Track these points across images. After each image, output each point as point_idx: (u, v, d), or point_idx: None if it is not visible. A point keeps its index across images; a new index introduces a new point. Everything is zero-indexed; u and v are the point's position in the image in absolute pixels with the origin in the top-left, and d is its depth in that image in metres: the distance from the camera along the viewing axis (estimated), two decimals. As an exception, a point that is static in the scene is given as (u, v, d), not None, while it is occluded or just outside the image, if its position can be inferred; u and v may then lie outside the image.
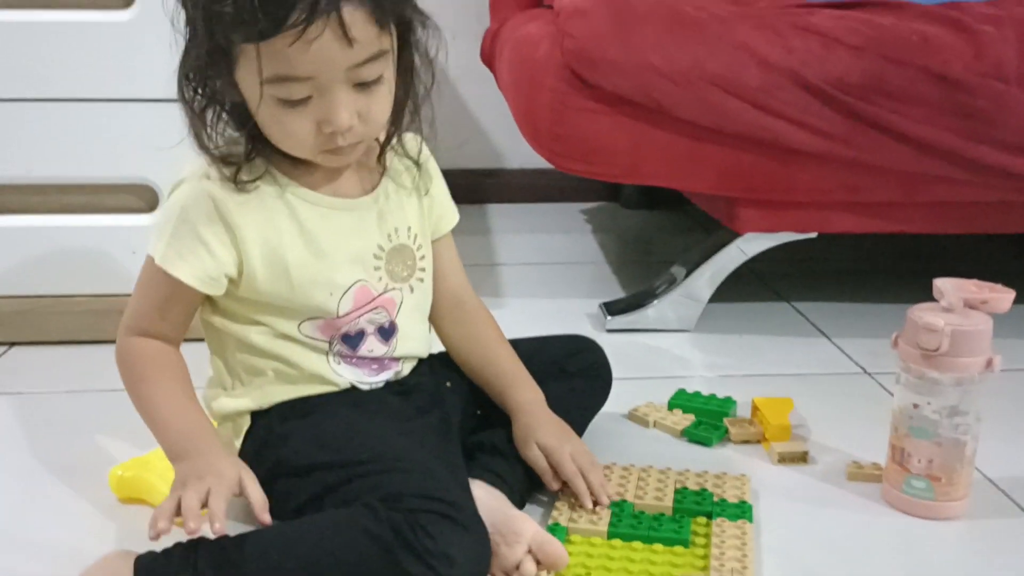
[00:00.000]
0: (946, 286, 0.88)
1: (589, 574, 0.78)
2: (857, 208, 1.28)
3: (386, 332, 0.87)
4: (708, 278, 1.34)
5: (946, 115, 1.18)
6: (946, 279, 0.89)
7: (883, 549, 0.84)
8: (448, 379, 0.94)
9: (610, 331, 1.34)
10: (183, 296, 0.82)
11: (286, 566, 0.71)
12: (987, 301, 0.87)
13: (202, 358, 0.89)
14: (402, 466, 0.75)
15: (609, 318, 1.36)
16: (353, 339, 0.86)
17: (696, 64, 1.17)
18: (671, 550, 0.81)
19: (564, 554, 0.77)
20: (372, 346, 0.87)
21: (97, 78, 1.17)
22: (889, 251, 1.73)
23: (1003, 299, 0.87)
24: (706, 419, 1.06)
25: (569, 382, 0.97)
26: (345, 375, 0.86)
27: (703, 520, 0.86)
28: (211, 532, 0.69)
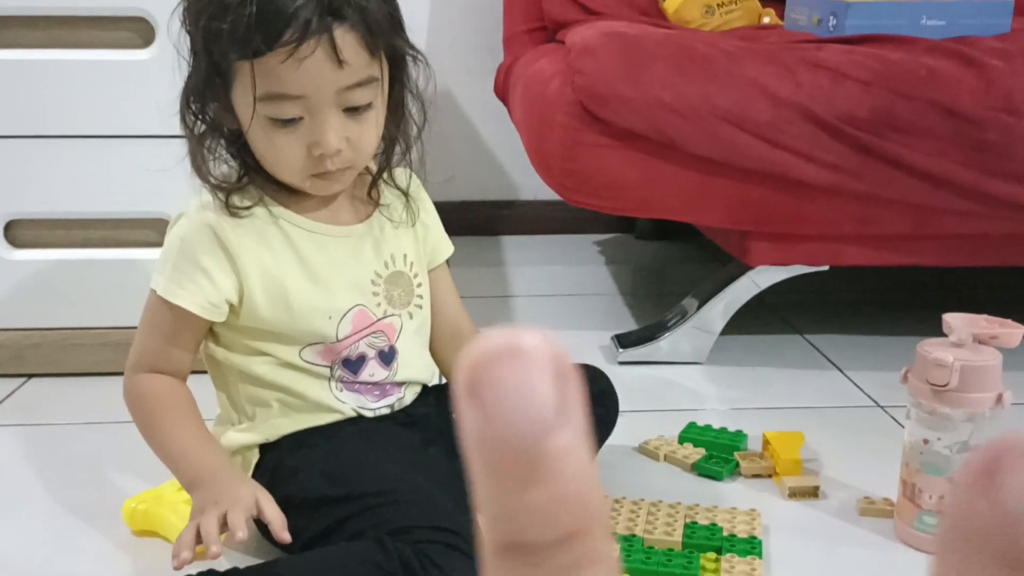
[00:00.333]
0: (955, 321, 0.87)
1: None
2: (868, 241, 1.28)
3: (387, 356, 0.88)
4: (721, 310, 1.34)
5: (956, 148, 1.18)
6: (955, 314, 0.88)
7: (894, 586, 0.84)
8: (454, 411, 0.94)
9: (622, 363, 1.35)
10: (187, 326, 0.83)
11: (296, 600, 0.72)
12: (997, 336, 0.86)
13: (207, 391, 0.90)
14: (409, 498, 0.76)
15: (621, 351, 1.36)
16: (354, 364, 0.86)
17: (706, 99, 1.18)
18: (680, 586, 0.81)
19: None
20: (373, 370, 0.87)
21: (117, 115, 1.20)
22: (903, 283, 1.72)
23: (1013, 334, 0.86)
24: (717, 453, 1.05)
25: None
26: (348, 402, 0.87)
27: (713, 555, 0.86)
28: (237, 540, 0.71)
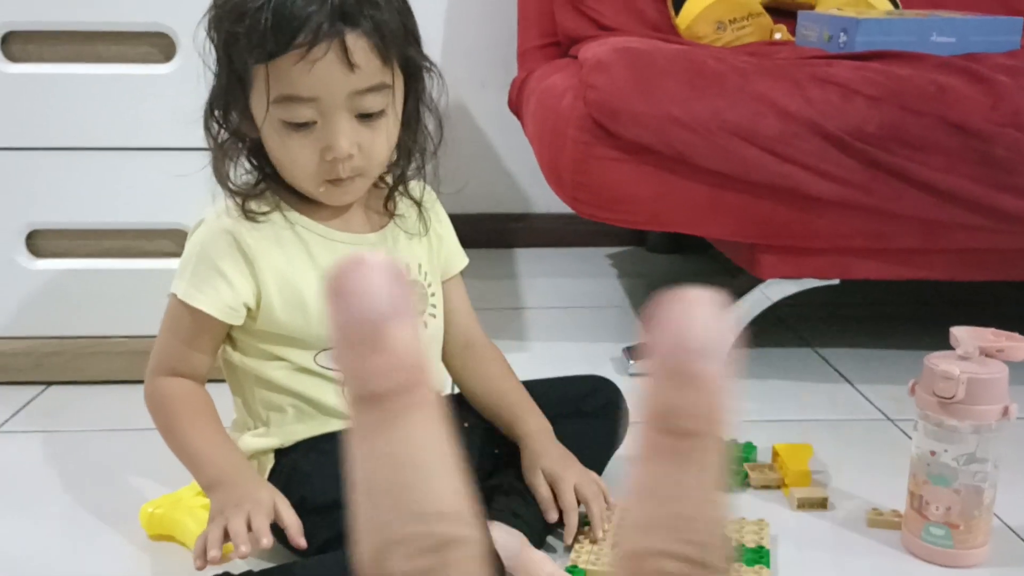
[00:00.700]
0: (962, 334, 0.88)
1: (606, 616, 0.79)
2: (878, 255, 1.29)
3: None
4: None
5: (965, 163, 1.19)
6: (962, 327, 0.89)
7: (901, 596, 0.85)
8: (465, 419, 0.96)
9: (633, 375, 1.36)
10: (206, 329, 0.85)
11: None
12: (1003, 349, 0.87)
13: (224, 398, 0.91)
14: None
15: (632, 363, 1.37)
16: None
17: (716, 115, 1.19)
18: (688, 594, 0.82)
19: (581, 596, 0.78)
20: None
21: (139, 128, 1.22)
22: (913, 297, 1.73)
23: (1019, 348, 0.87)
24: (726, 464, 1.06)
25: (584, 421, 0.98)
26: None
27: (721, 564, 0.87)
28: (261, 547, 0.73)
